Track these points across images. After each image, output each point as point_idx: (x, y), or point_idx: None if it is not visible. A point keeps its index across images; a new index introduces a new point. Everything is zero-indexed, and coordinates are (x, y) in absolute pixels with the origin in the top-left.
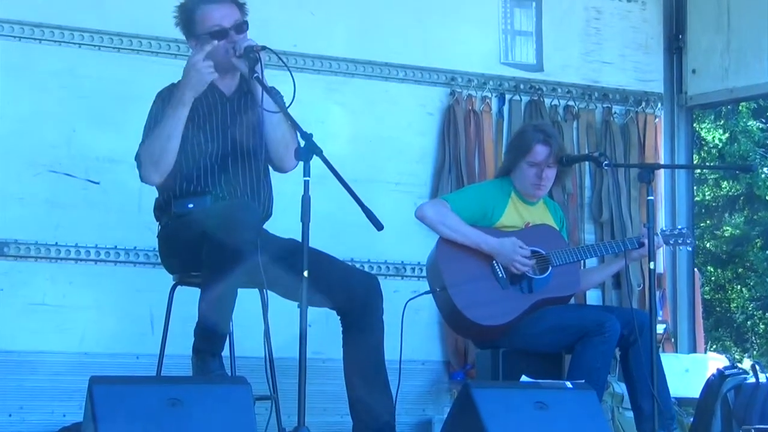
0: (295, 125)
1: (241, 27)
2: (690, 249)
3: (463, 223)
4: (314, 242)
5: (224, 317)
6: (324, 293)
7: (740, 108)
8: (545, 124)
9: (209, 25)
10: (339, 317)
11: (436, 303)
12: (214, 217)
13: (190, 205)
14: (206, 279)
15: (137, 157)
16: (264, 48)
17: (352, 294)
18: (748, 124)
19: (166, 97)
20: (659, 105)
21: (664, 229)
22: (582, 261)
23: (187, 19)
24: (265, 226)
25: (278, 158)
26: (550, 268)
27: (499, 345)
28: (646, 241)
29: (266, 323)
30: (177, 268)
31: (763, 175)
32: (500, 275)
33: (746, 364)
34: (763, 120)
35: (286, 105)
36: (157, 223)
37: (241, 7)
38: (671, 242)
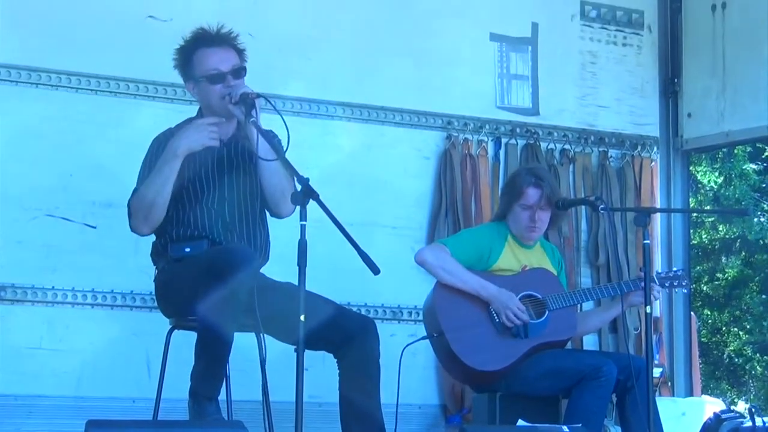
0: (291, 170)
1: (239, 72)
2: (686, 291)
3: (463, 269)
4: (311, 286)
5: (221, 361)
6: (321, 336)
7: (736, 151)
8: (538, 167)
9: (207, 68)
10: (336, 360)
11: (433, 348)
12: (210, 261)
13: (187, 250)
14: (203, 323)
15: (129, 206)
16: (259, 96)
17: (350, 337)
18: (744, 167)
19: (162, 143)
20: (655, 149)
21: (659, 271)
22: (579, 305)
23: (185, 61)
24: (262, 270)
25: (275, 204)
26: (547, 312)
27: (496, 389)
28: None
29: (263, 367)
30: (173, 312)
31: (756, 220)
32: (497, 320)
33: (742, 407)
34: (759, 163)
35: (284, 149)
36: (154, 267)
37: (240, 53)
38: (667, 285)
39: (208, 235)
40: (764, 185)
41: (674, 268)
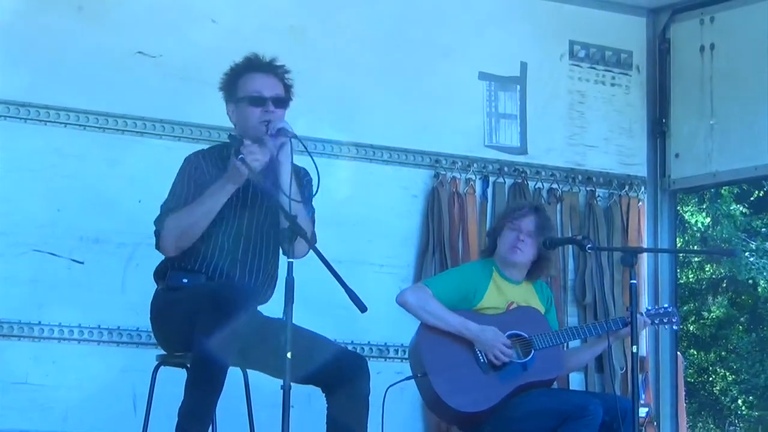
0: (279, 207)
1: (281, 102)
2: (675, 328)
3: (445, 309)
4: (298, 322)
5: (212, 399)
6: (313, 371)
7: (723, 192)
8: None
9: (249, 90)
10: (324, 395)
11: (418, 388)
12: (207, 296)
13: (185, 281)
14: (196, 358)
15: (158, 223)
16: (295, 136)
17: (343, 376)
18: (731, 208)
19: (193, 163)
20: (642, 188)
21: (649, 308)
22: (565, 344)
23: (230, 83)
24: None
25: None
26: (533, 351)
27: (482, 429)
28: (639, 318)
29: (249, 404)
30: (163, 340)
31: (744, 261)
32: (482, 360)
33: None
34: (746, 204)
35: (315, 191)
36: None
37: (287, 87)
38: (656, 321)
39: (207, 271)
40: (751, 226)
41: (664, 305)
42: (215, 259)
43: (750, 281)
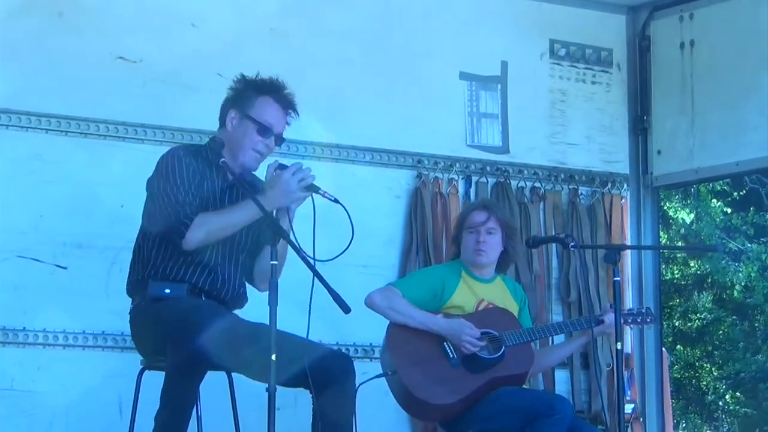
0: (263, 211)
1: (281, 140)
2: (654, 326)
3: (412, 307)
4: (282, 325)
5: (186, 412)
6: (300, 373)
7: (701, 189)
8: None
9: (264, 117)
10: (312, 395)
11: (390, 387)
12: (180, 317)
13: (167, 291)
14: (171, 372)
15: (181, 215)
16: (327, 196)
17: (330, 378)
18: (712, 206)
19: (183, 159)
20: (625, 186)
21: (625, 310)
22: (535, 341)
23: (248, 95)
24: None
25: (260, 280)
26: (504, 347)
27: (462, 427)
28: (605, 318)
29: (234, 406)
30: (144, 350)
31: (723, 261)
32: (451, 356)
33: None
34: (725, 202)
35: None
36: (130, 299)
37: (288, 124)
38: (629, 321)
39: (190, 279)
40: (730, 224)
41: (638, 307)
42: (198, 268)
43: (730, 282)
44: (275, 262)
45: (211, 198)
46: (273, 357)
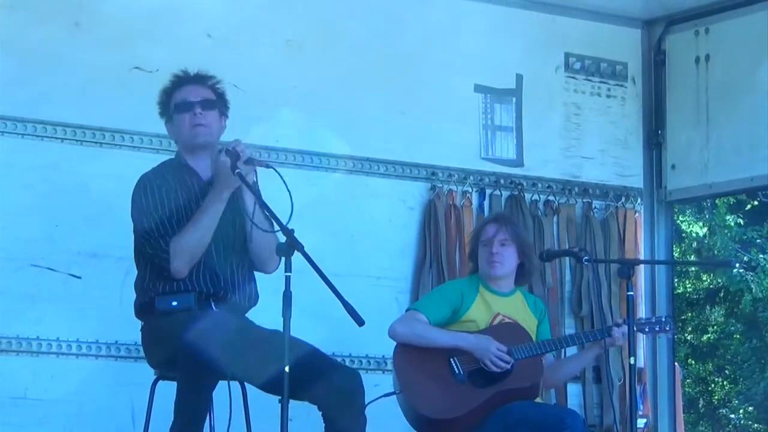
0: (277, 221)
1: (209, 104)
2: (670, 336)
3: (435, 329)
4: (296, 336)
5: (199, 423)
6: (306, 387)
7: (717, 203)
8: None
9: (177, 101)
10: (320, 412)
11: (400, 406)
12: (189, 329)
13: (174, 303)
14: (183, 382)
15: (158, 250)
16: (269, 166)
17: (334, 389)
18: (727, 218)
19: (156, 184)
20: (639, 200)
21: (641, 318)
22: (543, 354)
23: (164, 103)
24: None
25: (262, 261)
26: (512, 361)
27: None
28: (616, 330)
29: (247, 417)
30: (157, 365)
31: (735, 272)
32: (457, 372)
33: None
34: (741, 215)
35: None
36: (140, 321)
37: (217, 94)
38: (647, 330)
39: (195, 287)
40: (745, 237)
41: (657, 315)
42: (198, 276)
43: (743, 293)
44: (289, 274)
45: (194, 202)
46: (286, 369)
